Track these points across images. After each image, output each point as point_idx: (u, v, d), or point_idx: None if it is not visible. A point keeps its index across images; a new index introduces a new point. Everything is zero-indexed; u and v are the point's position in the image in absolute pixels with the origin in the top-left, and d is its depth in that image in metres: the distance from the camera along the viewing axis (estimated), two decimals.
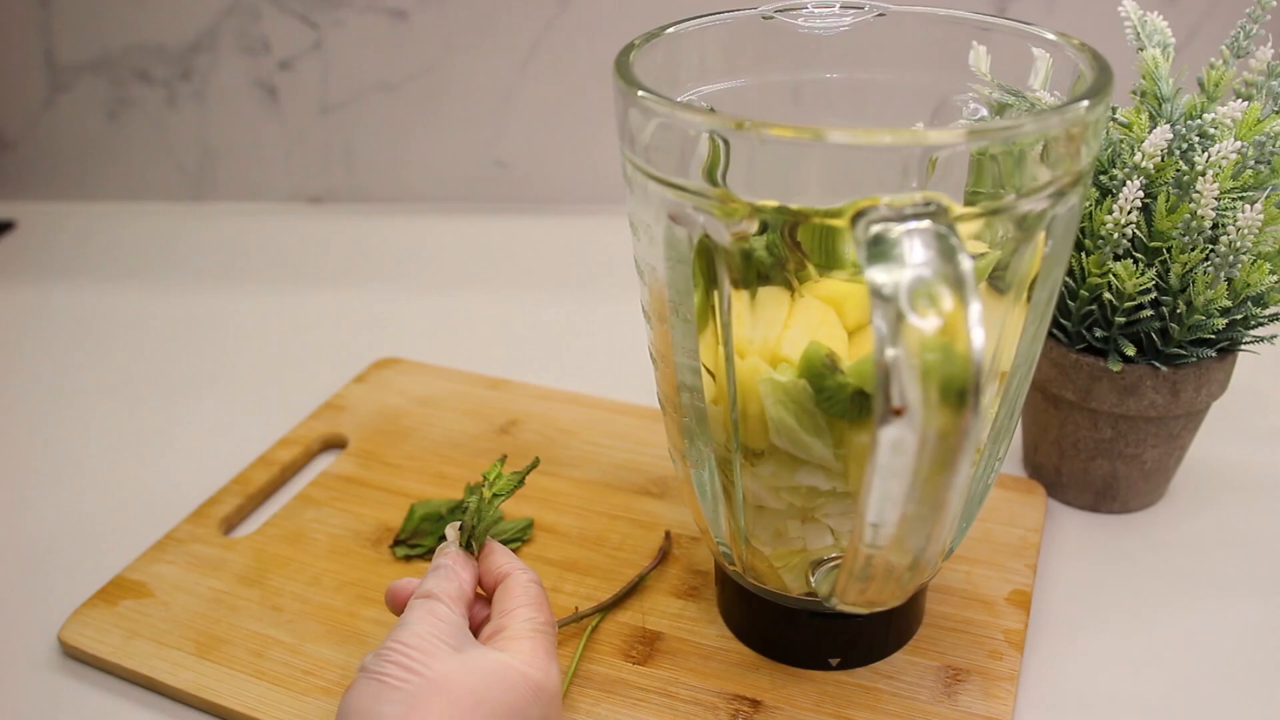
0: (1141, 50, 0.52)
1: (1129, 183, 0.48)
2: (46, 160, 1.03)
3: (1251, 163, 0.50)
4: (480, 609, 0.45)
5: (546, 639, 0.42)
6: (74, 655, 0.51)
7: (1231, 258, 0.48)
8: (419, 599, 0.43)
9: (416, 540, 0.56)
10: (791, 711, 0.46)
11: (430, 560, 0.55)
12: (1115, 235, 0.49)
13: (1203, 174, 0.48)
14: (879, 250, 0.31)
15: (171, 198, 1.03)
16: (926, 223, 0.31)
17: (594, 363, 0.75)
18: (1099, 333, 0.53)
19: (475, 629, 0.45)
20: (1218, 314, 0.50)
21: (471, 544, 0.46)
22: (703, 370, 0.40)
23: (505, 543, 0.55)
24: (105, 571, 0.55)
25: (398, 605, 0.45)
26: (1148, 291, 0.50)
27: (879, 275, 0.30)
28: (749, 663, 0.48)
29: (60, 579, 0.56)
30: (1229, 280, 0.49)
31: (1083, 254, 0.51)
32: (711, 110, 0.39)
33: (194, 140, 1.00)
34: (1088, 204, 0.51)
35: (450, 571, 0.44)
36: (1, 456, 0.67)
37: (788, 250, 0.36)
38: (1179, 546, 0.56)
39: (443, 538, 0.55)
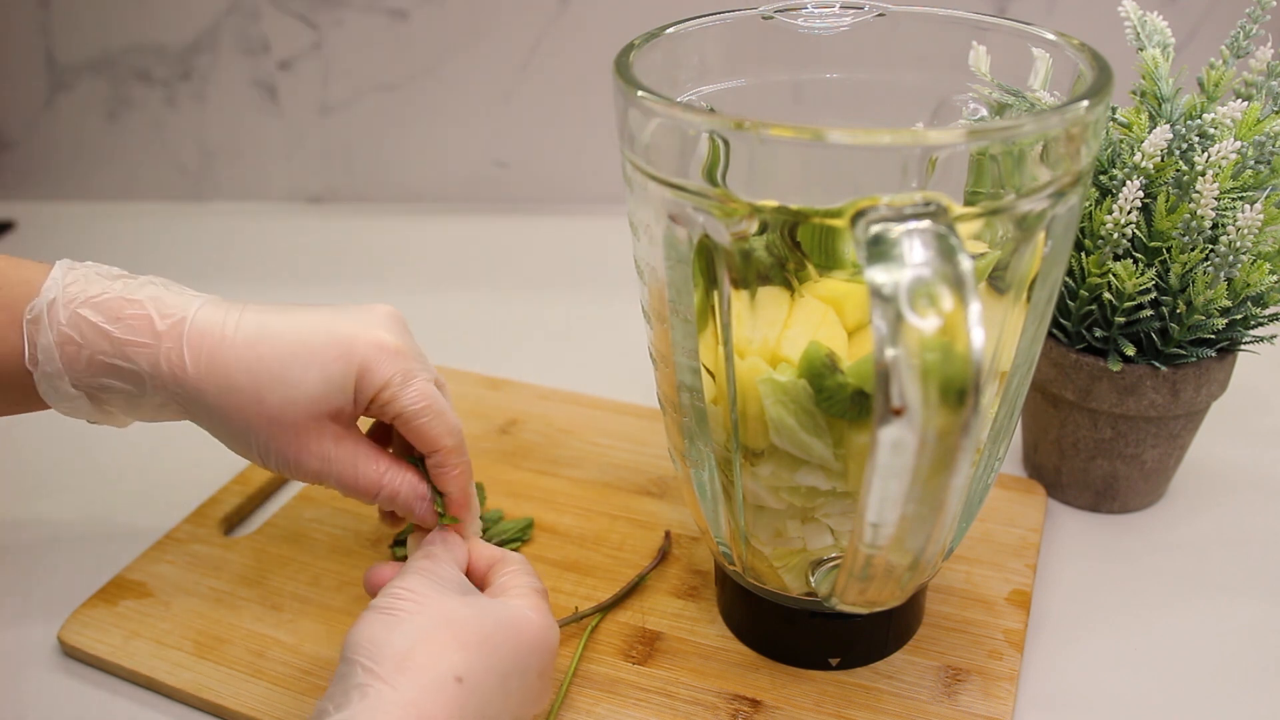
0: (1141, 50, 0.52)
1: (1129, 183, 0.48)
2: (46, 160, 1.03)
3: (1251, 163, 0.50)
4: None
5: (547, 601, 0.43)
6: (74, 655, 0.51)
7: (1231, 258, 0.48)
8: (419, 558, 0.44)
9: None
10: (791, 711, 0.46)
11: None
12: (1115, 235, 0.49)
13: (1203, 174, 0.48)
14: (879, 250, 0.31)
15: (171, 198, 1.03)
16: (926, 223, 0.31)
17: (594, 363, 0.75)
18: (1099, 333, 0.53)
19: None
20: (1217, 314, 0.50)
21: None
22: (703, 370, 0.40)
23: (505, 542, 0.55)
24: (105, 571, 0.55)
25: (375, 590, 0.44)
26: (1148, 291, 0.50)
27: (879, 275, 0.30)
28: (749, 663, 0.48)
29: (60, 579, 0.56)
30: (1229, 280, 0.49)
31: (1083, 254, 0.51)
32: (711, 110, 0.39)
33: (194, 140, 1.00)
34: (1088, 204, 0.51)
35: (447, 543, 0.45)
36: (1, 457, 0.67)
37: (788, 250, 0.36)
38: (1179, 546, 0.56)
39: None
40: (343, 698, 0.37)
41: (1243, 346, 0.53)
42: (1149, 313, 0.51)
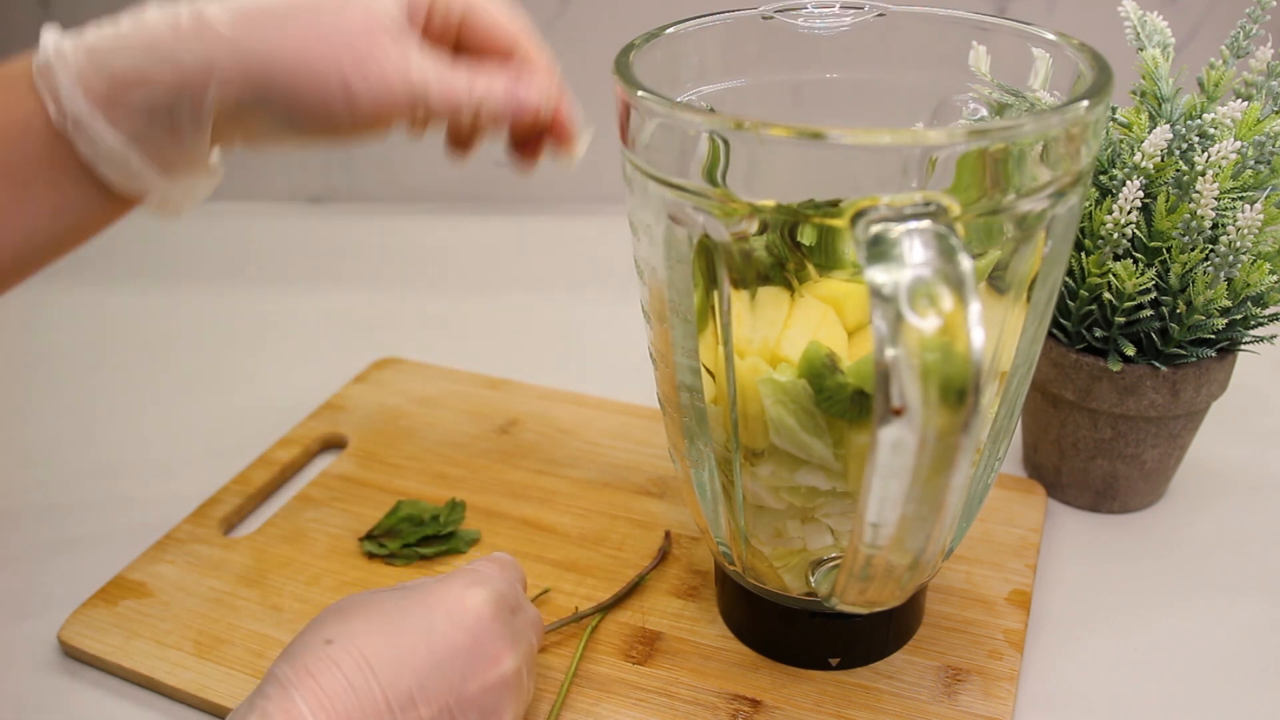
0: (1141, 50, 0.52)
1: (1129, 183, 0.48)
2: None
3: (1251, 163, 0.50)
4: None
5: (480, 581, 0.42)
6: (74, 655, 0.51)
7: (1231, 258, 0.48)
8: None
9: (386, 540, 0.55)
10: (791, 711, 0.46)
11: (393, 566, 0.54)
12: (1115, 235, 0.49)
13: (1203, 174, 0.48)
14: (879, 250, 0.31)
15: None
16: (926, 223, 0.31)
17: (594, 363, 0.75)
18: (1099, 333, 0.53)
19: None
20: (1217, 314, 0.50)
21: None
22: (703, 370, 0.40)
23: (480, 543, 0.55)
24: (105, 571, 0.55)
25: None
26: (1148, 291, 0.50)
27: (879, 275, 0.30)
28: (749, 663, 0.48)
29: (60, 579, 0.56)
30: (1229, 280, 0.49)
31: (1083, 254, 0.51)
32: (711, 110, 0.39)
33: None
34: (1088, 204, 0.51)
35: (494, 561, 0.45)
36: (1, 456, 0.67)
37: (788, 250, 0.36)
38: (1179, 546, 0.56)
39: None
40: None
41: (1243, 346, 0.53)
42: (1149, 313, 0.51)
